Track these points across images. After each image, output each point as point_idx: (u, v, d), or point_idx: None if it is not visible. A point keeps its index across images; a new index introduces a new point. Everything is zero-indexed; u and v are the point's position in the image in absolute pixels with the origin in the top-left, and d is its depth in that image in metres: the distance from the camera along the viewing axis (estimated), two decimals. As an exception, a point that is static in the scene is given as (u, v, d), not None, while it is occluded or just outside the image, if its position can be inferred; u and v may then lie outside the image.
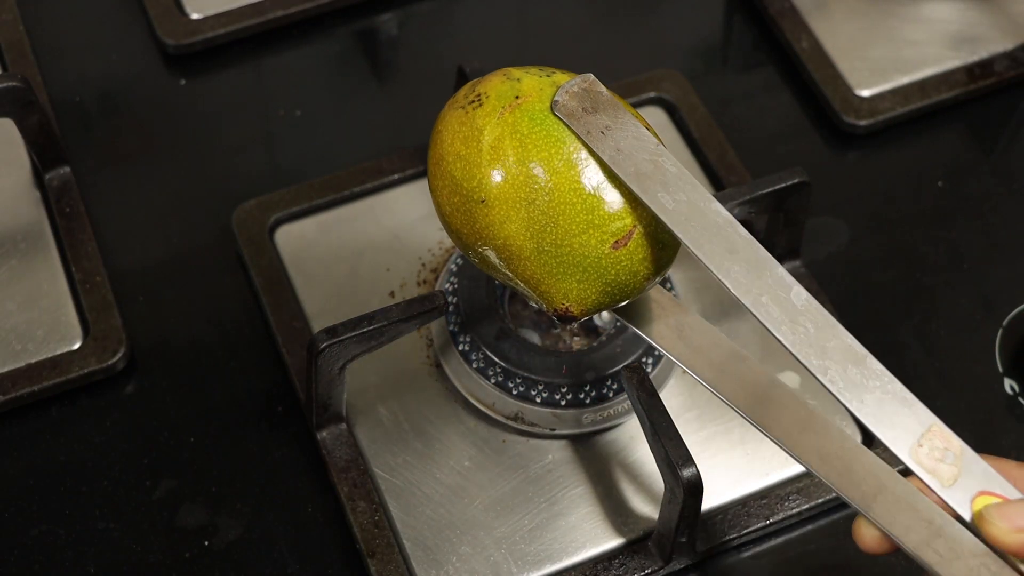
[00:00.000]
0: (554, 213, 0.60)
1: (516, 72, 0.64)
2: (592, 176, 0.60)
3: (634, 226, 0.61)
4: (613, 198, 0.60)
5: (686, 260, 0.81)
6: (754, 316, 0.57)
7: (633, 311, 0.66)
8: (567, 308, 0.62)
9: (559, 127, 0.61)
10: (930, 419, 0.54)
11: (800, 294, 0.57)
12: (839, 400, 0.55)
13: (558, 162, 0.60)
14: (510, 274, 0.63)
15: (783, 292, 0.57)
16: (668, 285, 0.77)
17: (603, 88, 0.62)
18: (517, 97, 0.62)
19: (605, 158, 0.60)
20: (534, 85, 0.63)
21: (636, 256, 0.61)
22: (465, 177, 0.62)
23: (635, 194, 0.60)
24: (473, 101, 0.63)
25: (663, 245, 0.62)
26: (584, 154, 0.61)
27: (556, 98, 0.61)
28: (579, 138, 0.61)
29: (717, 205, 0.59)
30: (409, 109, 0.88)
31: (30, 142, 0.81)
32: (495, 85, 0.63)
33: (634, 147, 0.60)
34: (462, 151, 0.62)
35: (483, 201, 0.61)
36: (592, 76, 0.62)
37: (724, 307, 0.80)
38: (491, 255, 0.62)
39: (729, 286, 0.57)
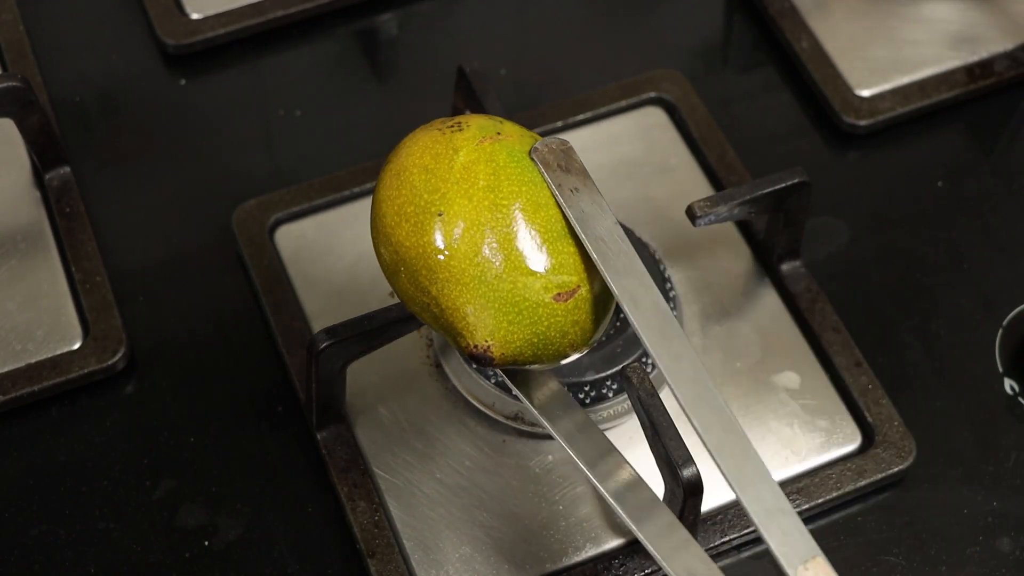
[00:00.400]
0: (508, 247, 0.60)
1: (499, 118, 0.65)
2: (553, 224, 0.61)
3: (579, 286, 0.61)
4: (568, 252, 0.61)
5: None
6: (678, 401, 0.59)
7: (535, 392, 0.66)
8: (488, 347, 0.60)
9: (533, 171, 0.62)
10: (817, 551, 0.57)
11: (715, 399, 0.59)
12: (743, 506, 0.57)
13: (525, 201, 0.61)
14: (437, 297, 0.61)
15: (704, 395, 0.59)
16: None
17: (577, 156, 0.63)
18: (499, 133, 0.63)
19: (571, 215, 0.61)
20: (516, 131, 0.63)
21: (571, 316, 0.61)
22: (427, 188, 0.61)
23: (588, 258, 0.61)
24: (452, 126, 0.63)
25: (596, 318, 0.62)
26: (550, 203, 0.61)
27: (536, 146, 0.62)
28: (549, 188, 0.61)
29: (658, 294, 0.61)
30: (409, 109, 0.88)
31: (30, 142, 0.81)
32: (477, 119, 0.63)
33: (597, 215, 0.61)
34: (431, 165, 0.61)
35: (440, 214, 0.60)
36: (569, 142, 0.64)
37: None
38: (423, 274, 0.61)
39: (659, 366, 0.59)
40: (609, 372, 0.74)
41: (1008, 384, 0.78)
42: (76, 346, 0.77)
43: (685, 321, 0.79)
